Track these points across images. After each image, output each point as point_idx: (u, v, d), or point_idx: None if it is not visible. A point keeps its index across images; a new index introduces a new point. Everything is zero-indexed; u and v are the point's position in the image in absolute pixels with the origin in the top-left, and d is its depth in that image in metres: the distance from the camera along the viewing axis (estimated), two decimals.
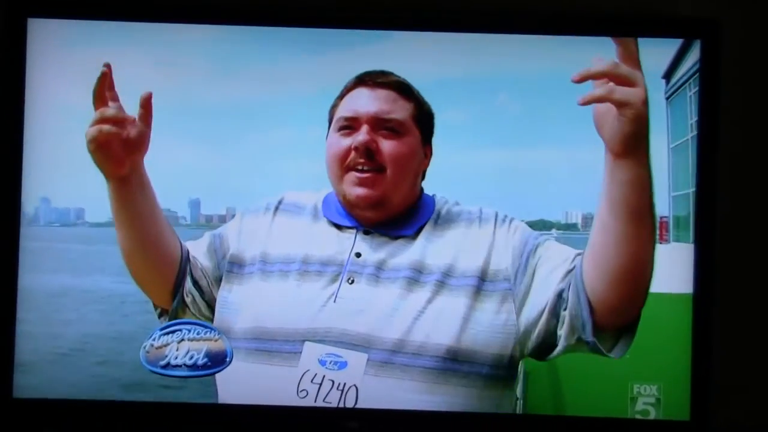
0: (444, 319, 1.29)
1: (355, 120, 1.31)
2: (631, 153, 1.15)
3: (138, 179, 1.30)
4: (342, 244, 1.34)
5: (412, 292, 1.30)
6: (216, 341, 1.36)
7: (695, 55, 1.39)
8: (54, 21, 1.39)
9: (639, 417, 1.39)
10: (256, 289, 1.34)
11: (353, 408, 1.30)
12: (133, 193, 1.29)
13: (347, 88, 1.35)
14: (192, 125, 1.40)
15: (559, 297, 1.25)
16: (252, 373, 1.31)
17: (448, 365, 1.28)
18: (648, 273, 1.24)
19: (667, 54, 1.39)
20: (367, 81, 1.34)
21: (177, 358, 1.36)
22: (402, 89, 1.34)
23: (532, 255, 1.30)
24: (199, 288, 1.36)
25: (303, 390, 1.30)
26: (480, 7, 1.46)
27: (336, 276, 1.32)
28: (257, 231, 1.37)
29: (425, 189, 1.38)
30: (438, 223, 1.35)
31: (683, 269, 1.39)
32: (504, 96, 1.41)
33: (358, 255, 1.33)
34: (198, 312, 1.36)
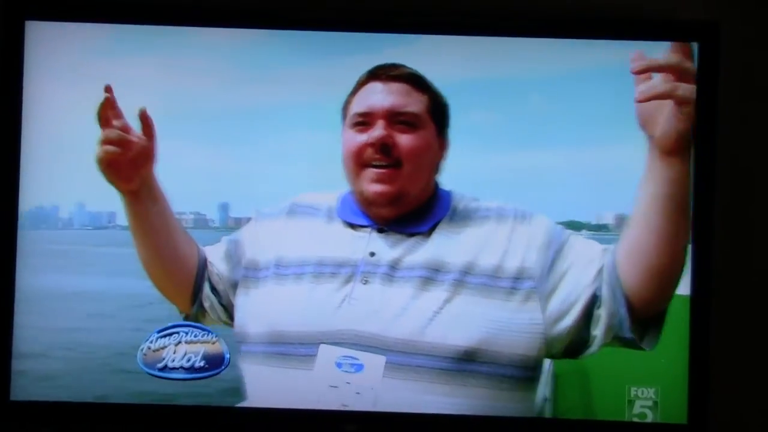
0: (463, 319, 1.27)
1: (370, 115, 1.30)
2: (681, 150, 1.17)
3: (149, 192, 1.31)
4: (356, 243, 1.33)
5: (427, 291, 1.29)
6: (213, 344, 1.36)
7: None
8: (52, 24, 1.39)
9: (636, 420, 1.39)
10: (271, 293, 1.33)
11: (351, 411, 1.31)
12: (146, 206, 1.31)
13: (360, 82, 1.33)
14: (210, 128, 1.40)
15: (593, 296, 1.25)
16: (268, 377, 1.31)
17: (467, 366, 1.27)
18: (683, 266, 1.28)
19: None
20: (380, 75, 1.32)
21: (174, 360, 1.36)
22: (415, 81, 1.32)
23: (558, 253, 1.29)
24: (217, 293, 1.36)
25: (319, 394, 1.30)
26: (476, 10, 1.46)
27: (350, 277, 1.31)
28: (271, 234, 1.36)
29: (450, 187, 1.37)
30: (454, 220, 1.33)
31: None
32: (533, 97, 1.40)
33: (372, 254, 1.32)
34: (217, 317, 1.37)
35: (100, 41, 1.38)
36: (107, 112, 1.29)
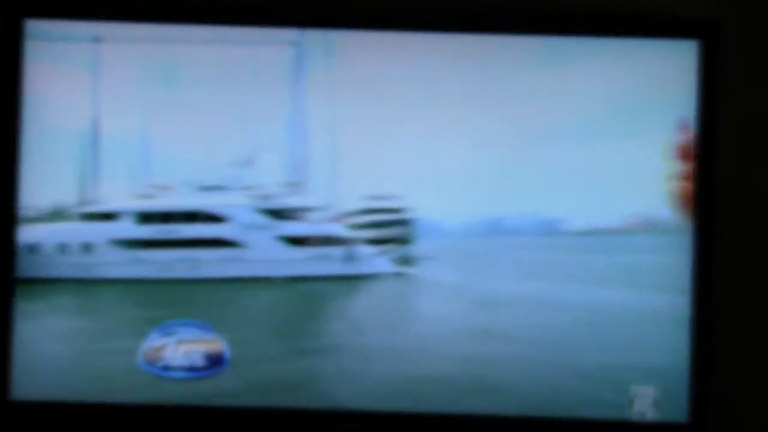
0: None
1: None
2: None
3: None
4: None
5: None
6: (213, 343, 1.36)
7: None
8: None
9: (637, 419, 1.39)
10: None
11: (348, 410, 1.32)
12: None
13: None
14: None
15: None
16: None
17: None
18: None
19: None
20: None
21: (175, 359, 1.36)
22: None
23: None
24: None
25: None
26: (473, 7, 1.46)
27: None
28: None
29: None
30: None
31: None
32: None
33: None
34: None
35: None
36: None
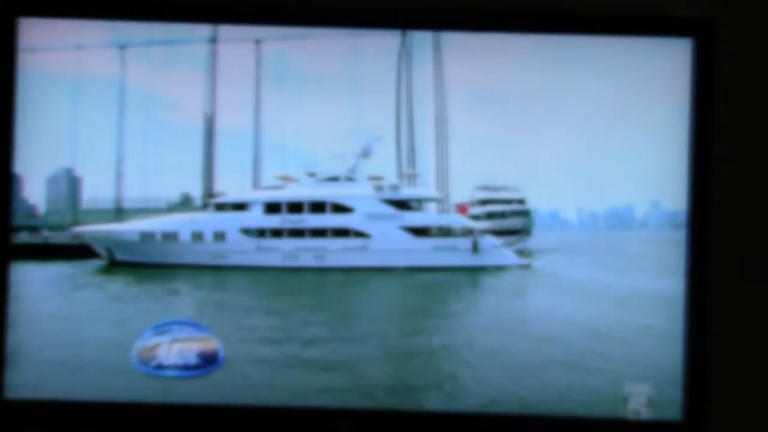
0: None
1: None
2: None
3: None
4: None
5: None
6: (207, 341, 1.36)
7: None
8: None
9: (631, 417, 1.38)
10: None
11: (346, 408, 1.32)
12: None
13: None
14: None
15: None
16: None
17: None
18: None
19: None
20: None
21: (169, 358, 1.36)
22: None
23: None
24: None
25: None
26: (472, 7, 1.46)
27: None
28: None
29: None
30: None
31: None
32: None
33: None
34: None
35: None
36: None
